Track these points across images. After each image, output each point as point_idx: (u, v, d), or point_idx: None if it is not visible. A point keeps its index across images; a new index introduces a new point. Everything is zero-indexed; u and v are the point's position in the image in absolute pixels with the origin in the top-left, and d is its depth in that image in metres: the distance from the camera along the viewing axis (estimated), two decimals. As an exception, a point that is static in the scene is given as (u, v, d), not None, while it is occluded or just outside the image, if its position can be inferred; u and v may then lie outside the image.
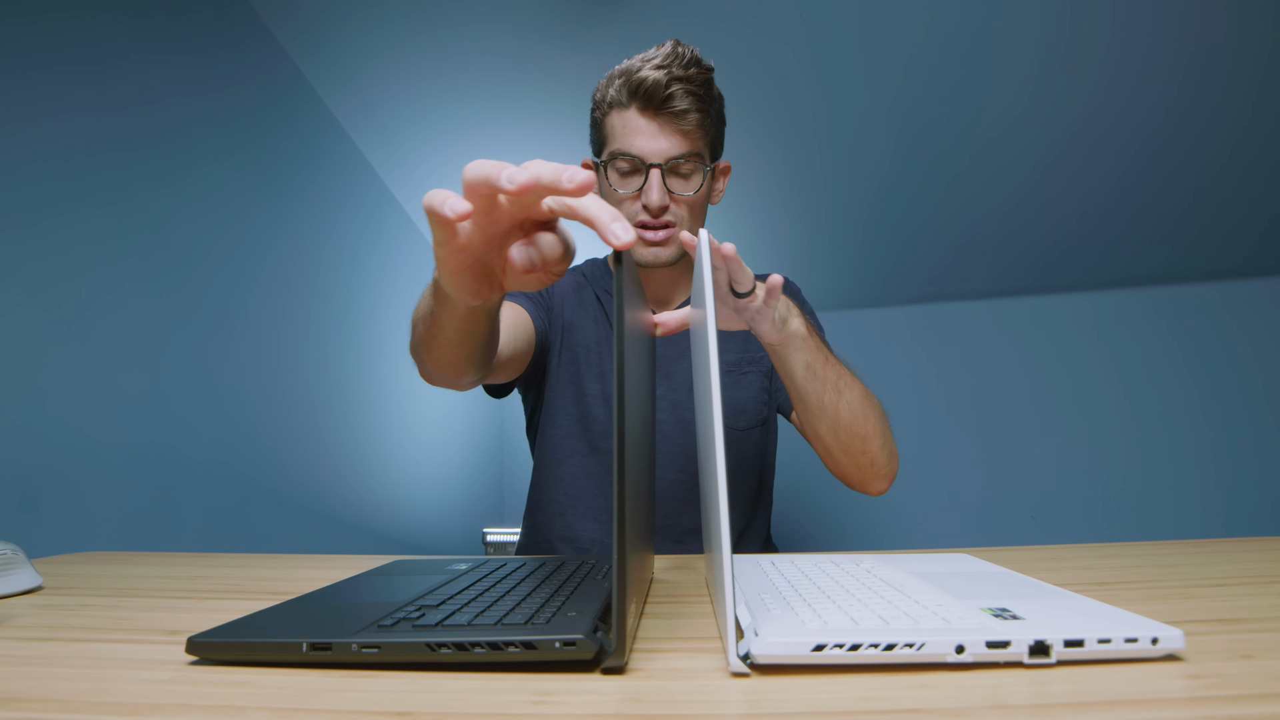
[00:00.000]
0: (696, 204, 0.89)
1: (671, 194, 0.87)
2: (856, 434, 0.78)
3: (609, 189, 0.89)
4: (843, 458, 0.81)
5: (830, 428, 0.78)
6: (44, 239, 1.01)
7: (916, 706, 0.31)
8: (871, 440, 0.79)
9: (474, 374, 0.67)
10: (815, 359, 0.73)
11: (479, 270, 0.45)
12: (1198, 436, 2.05)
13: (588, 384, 0.96)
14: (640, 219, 0.87)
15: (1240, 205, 1.81)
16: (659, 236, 0.88)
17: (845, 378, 0.77)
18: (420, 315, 0.62)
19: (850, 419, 0.77)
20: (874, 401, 0.81)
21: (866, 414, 0.78)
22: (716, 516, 0.38)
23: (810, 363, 0.73)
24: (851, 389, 0.77)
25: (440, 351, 0.61)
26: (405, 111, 1.72)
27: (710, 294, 0.41)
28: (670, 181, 0.86)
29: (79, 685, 0.36)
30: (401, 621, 0.40)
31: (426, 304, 0.59)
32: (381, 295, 1.85)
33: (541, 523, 0.98)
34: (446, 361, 0.63)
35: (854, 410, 0.77)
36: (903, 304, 2.29)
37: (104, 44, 1.12)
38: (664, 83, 0.83)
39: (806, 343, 0.72)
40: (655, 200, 0.85)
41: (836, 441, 0.79)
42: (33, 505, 0.97)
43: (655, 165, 0.85)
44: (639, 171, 0.86)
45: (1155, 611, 0.42)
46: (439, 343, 0.60)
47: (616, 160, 0.87)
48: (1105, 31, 1.43)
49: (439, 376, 0.67)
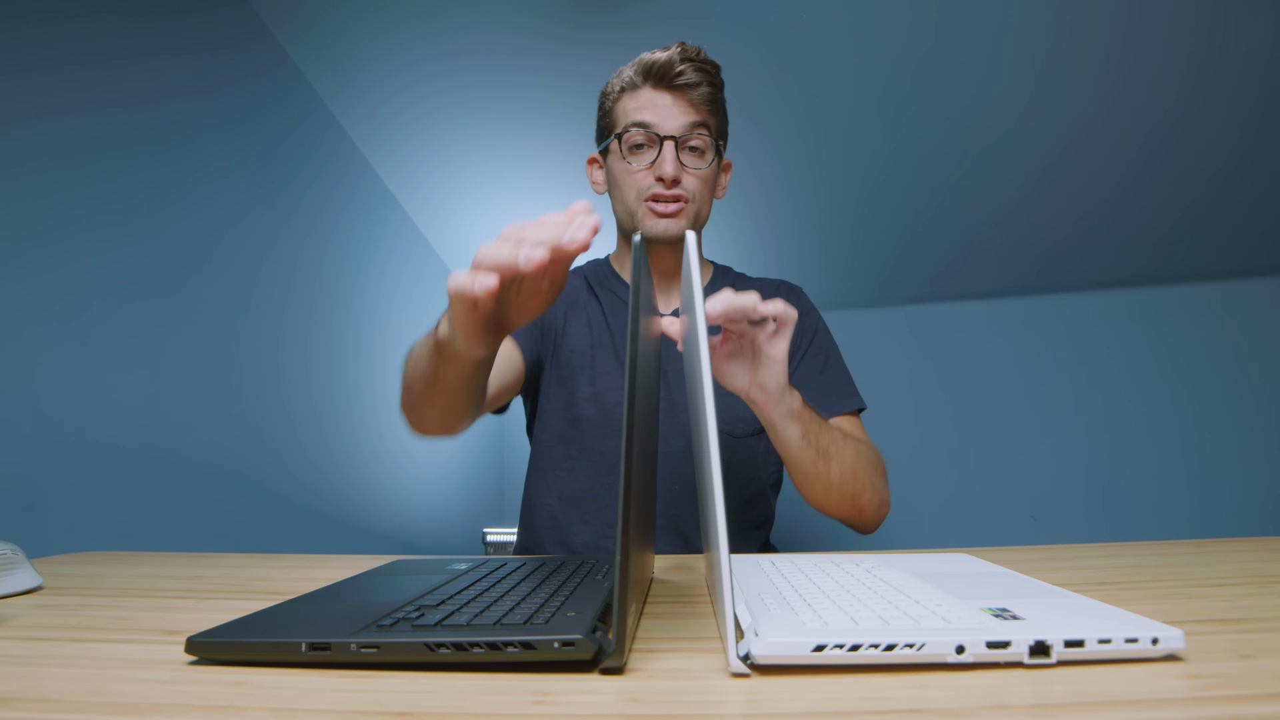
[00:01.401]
0: (707, 180, 0.91)
1: (684, 167, 0.88)
2: (847, 493, 0.79)
3: (621, 164, 0.90)
4: (833, 509, 0.82)
5: (824, 489, 0.78)
6: (44, 239, 1.01)
7: (916, 706, 0.31)
8: (861, 494, 0.80)
9: (467, 422, 0.71)
10: (809, 428, 0.74)
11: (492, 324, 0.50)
12: (1198, 436, 2.05)
13: (579, 388, 0.95)
14: (654, 191, 0.88)
15: (1240, 205, 1.81)
16: (671, 209, 0.89)
17: (836, 441, 0.77)
18: (417, 375, 0.64)
19: (841, 480, 0.78)
20: (865, 458, 0.81)
21: (857, 473, 0.79)
22: (713, 518, 0.38)
23: (805, 432, 0.73)
24: (843, 452, 0.77)
25: (441, 407, 0.64)
26: (405, 111, 1.72)
27: (699, 297, 0.41)
28: (682, 155, 0.88)
29: (79, 685, 0.36)
30: (401, 621, 0.40)
31: (427, 364, 0.60)
32: (381, 295, 1.85)
33: (536, 528, 0.97)
34: (448, 415, 0.66)
35: (844, 472, 0.77)
36: (903, 304, 2.29)
37: (104, 43, 1.12)
38: (675, 59, 0.87)
39: (801, 414, 0.72)
40: (669, 171, 0.87)
41: (828, 499, 0.80)
42: (33, 506, 0.97)
43: (669, 137, 0.87)
44: (652, 144, 0.89)
45: (1155, 611, 0.42)
46: (441, 399, 0.62)
47: (629, 133, 0.89)
48: (1106, 32, 1.43)
49: (434, 428, 0.71)
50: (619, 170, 0.91)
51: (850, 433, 0.83)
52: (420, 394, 0.65)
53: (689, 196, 0.89)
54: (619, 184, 0.92)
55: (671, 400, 0.95)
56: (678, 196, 0.88)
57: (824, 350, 0.98)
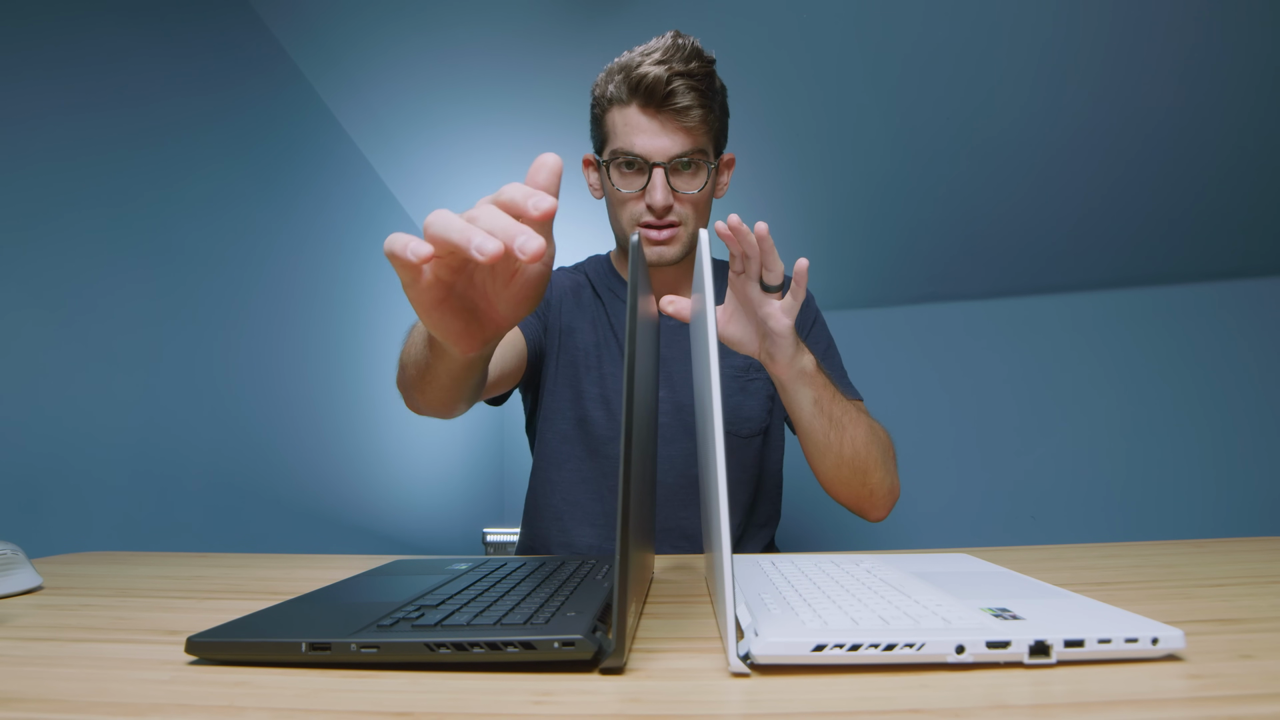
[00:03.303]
0: (701, 202, 0.88)
1: (675, 193, 0.85)
2: (858, 469, 0.78)
3: (612, 189, 0.88)
4: (842, 489, 0.80)
5: (834, 463, 0.77)
6: (44, 239, 1.01)
7: (916, 706, 0.31)
8: (872, 474, 0.78)
9: (464, 407, 0.68)
10: (823, 395, 0.73)
11: (459, 310, 0.43)
12: (1198, 436, 2.05)
13: (586, 387, 0.94)
14: (645, 219, 0.86)
15: (1240, 205, 1.81)
16: (663, 236, 0.87)
17: (850, 413, 0.76)
18: (411, 360, 0.62)
19: (853, 455, 0.76)
20: (878, 436, 0.80)
21: (869, 449, 0.77)
22: (716, 517, 0.38)
23: (818, 398, 0.72)
24: (856, 424, 0.76)
25: (433, 394, 0.62)
26: (405, 111, 1.72)
27: (710, 293, 0.41)
28: (674, 180, 0.85)
29: (79, 685, 0.36)
30: (401, 621, 0.40)
31: (419, 352, 0.58)
32: (381, 295, 1.85)
33: (539, 528, 0.97)
34: (439, 401, 0.64)
35: (857, 446, 0.76)
36: (903, 304, 2.29)
37: (104, 44, 1.12)
38: (665, 79, 0.81)
39: (815, 378, 0.71)
40: (659, 200, 0.84)
41: (838, 475, 0.79)
42: (33, 505, 0.97)
43: (658, 164, 0.83)
44: (642, 171, 0.85)
45: (1155, 611, 0.42)
46: (433, 387, 0.60)
47: (618, 159, 0.86)
48: (1105, 31, 1.43)
49: (429, 411, 0.68)
50: (610, 190, 0.88)
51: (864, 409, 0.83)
52: (410, 378, 0.63)
53: (682, 220, 0.87)
54: (611, 202, 0.90)
55: (678, 403, 0.94)
56: (670, 224, 0.86)
57: (823, 339, 0.99)
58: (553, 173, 0.40)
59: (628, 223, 0.88)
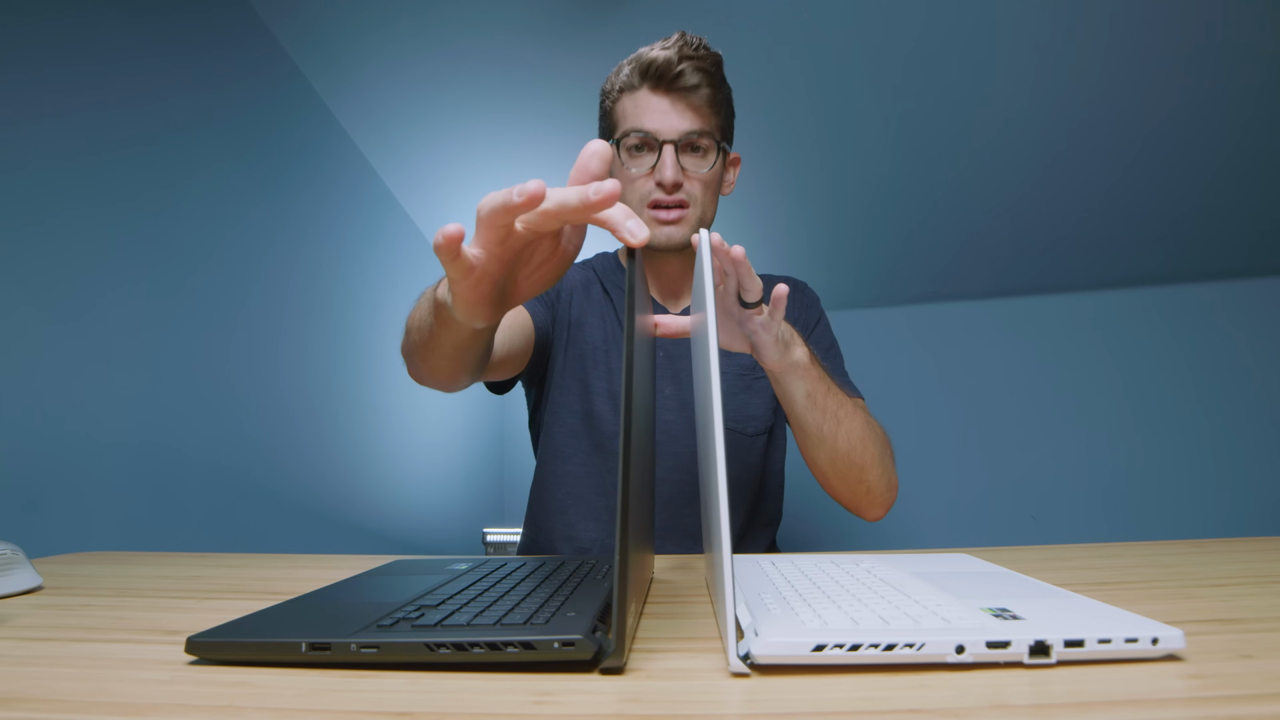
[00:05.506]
0: (710, 183, 0.88)
1: (685, 171, 0.86)
2: (854, 464, 0.77)
3: (621, 170, 0.88)
4: (838, 484, 0.80)
5: (829, 457, 0.77)
6: (44, 239, 1.01)
7: (916, 706, 0.31)
8: (869, 470, 0.78)
9: (467, 380, 0.67)
10: (816, 388, 0.72)
11: (495, 295, 0.46)
12: (1198, 436, 2.05)
13: (594, 381, 0.95)
14: (654, 198, 0.86)
15: (1241, 205, 1.81)
16: (672, 216, 0.87)
17: (846, 407, 0.75)
18: (417, 325, 0.61)
19: (849, 449, 0.76)
20: (875, 432, 0.80)
21: (866, 444, 0.77)
22: (717, 517, 0.38)
23: (811, 391, 0.72)
24: (852, 419, 0.76)
25: (436, 363, 0.61)
26: (405, 111, 1.72)
27: (710, 295, 0.41)
28: (683, 159, 0.86)
29: (79, 685, 0.36)
30: (401, 621, 0.40)
31: (425, 318, 0.58)
32: (381, 295, 1.85)
33: (543, 522, 0.97)
34: (442, 371, 0.63)
35: (853, 440, 0.76)
36: (903, 304, 2.29)
37: (104, 44, 1.12)
38: (674, 60, 0.83)
39: (809, 371, 0.71)
40: (669, 176, 0.84)
41: (834, 470, 0.78)
42: (33, 505, 0.97)
43: (668, 141, 0.84)
44: (651, 149, 0.86)
45: (1155, 611, 0.42)
46: (436, 356, 0.60)
47: (629, 138, 0.86)
48: (1106, 30, 1.43)
49: (431, 381, 0.67)
50: (620, 175, 0.88)
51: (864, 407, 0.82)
52: (415, 344, 0.63)
53: (691, 201, 0.87)
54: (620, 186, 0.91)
55: (684, 400, 0.94)
56: (679, 203, 0.86)
57: (826, 340, 0.99)
58: (604, 161, 0.43)
59: (637, 204, 0.88)
